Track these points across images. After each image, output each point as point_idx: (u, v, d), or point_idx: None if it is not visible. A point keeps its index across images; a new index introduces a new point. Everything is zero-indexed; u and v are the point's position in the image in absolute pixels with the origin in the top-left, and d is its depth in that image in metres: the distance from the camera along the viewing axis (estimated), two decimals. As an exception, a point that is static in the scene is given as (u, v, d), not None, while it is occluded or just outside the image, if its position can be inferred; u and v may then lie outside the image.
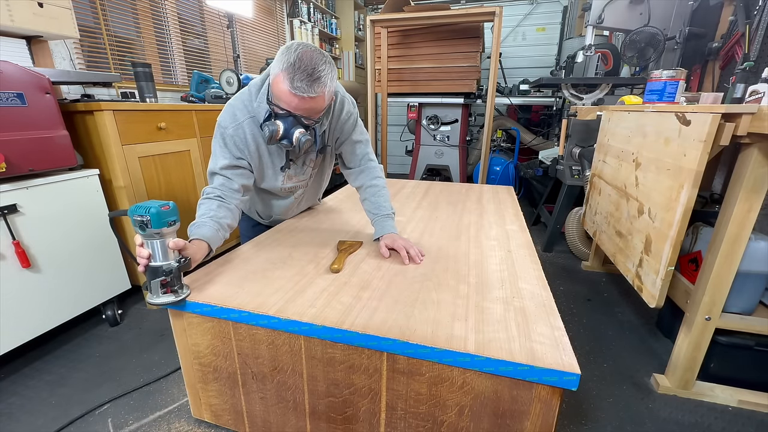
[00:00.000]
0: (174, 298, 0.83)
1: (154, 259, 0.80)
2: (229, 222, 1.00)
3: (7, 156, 1.18)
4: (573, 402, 1.19)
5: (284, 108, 0.93)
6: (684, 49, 2.33)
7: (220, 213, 0.98)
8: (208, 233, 0.93)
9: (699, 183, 0.99)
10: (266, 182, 1.18)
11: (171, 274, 0.81)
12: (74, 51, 1.94)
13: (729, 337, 1.18)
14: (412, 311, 0.82)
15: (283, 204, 1.33)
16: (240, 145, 1.05)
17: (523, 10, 4.18)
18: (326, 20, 4.21)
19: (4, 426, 1.10)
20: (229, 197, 1.03)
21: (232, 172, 1.04)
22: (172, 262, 0.81)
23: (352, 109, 1.18)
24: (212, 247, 0.94)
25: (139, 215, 0.75)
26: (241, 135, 1.04)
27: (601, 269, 2.14)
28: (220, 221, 0.97)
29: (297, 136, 0.96)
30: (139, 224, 0.76)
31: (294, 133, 0.96)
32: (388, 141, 4.56)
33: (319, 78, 0.88)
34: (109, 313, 1.58)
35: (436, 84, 3.10)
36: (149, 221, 0.75)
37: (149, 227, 0.76)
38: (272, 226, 1.41)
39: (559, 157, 2.30)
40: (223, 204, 1.01)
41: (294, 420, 0.93)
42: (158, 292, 0.82)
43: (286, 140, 0.97)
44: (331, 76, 0.92)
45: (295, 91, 0.88)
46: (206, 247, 0.91)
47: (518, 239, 1.25)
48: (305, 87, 0.87)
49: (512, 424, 0.73)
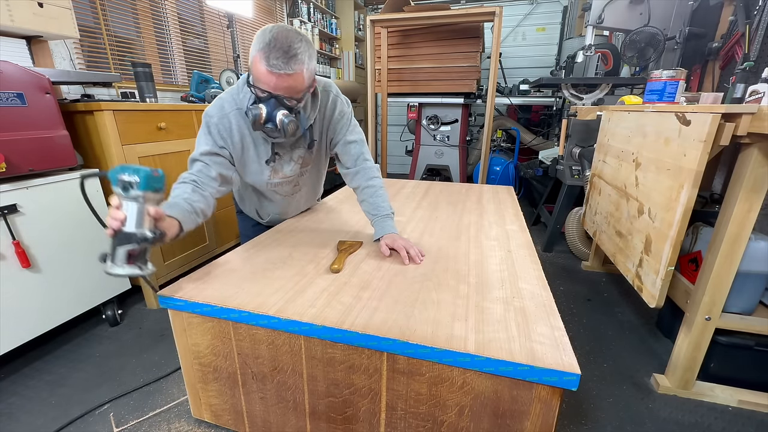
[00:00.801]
0: (138, 271, 0.75)
1: (128, 225, 0.72)
2: (202, 207, 0.98)
3: (7, 156, 1.18)
4: (573, 402, 1.19)
5: (264, 89, 0.92)
6: (684, 49, 2.33)
7: (193, 197, 0.97)
8: (180, 214, 0.89)
9: (699, 183, 0.99)
10: (251, 176, 1.17)
11: (143, 243, 0.74)
12: (74, 51, 1.94)
13: (729, 337, 1.18)
14: (412, 311, 0.82)
15: (278, 203, 1.33)
16: (224, 134, 1.05)
17: (523, 10, 4.18)
18: (326, 20, 4.21)
19: (4, 426, 1.10)
20: (204, 184, 1.02)
21: (211, 158, 1.04)
22: (147, 232, 0.74)
23: (345, 109, 1.18)
24: (183, 228, 0.89)
25: (127, 174, 0.70)
26: (226, 125, 1.05)
27: (601, 269, 2.14)
28: (193, 204, 0.95)
29: (280, 118, 0.94)
30: (123, 185, 0.70)
31: (277, 115, 0.94)
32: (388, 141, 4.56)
33: (296, 55, 0.88)
34: (109, 313, 1.58)
35: (436, 84, 3.10)
36: (137, 182, 0.70)
37: (134, 188, 0.71)
38: (272, 226, 1.41)
39: (559, 157, 2.30)
40: (198, 189, 0.99)
41: (294, 420, 0.93)
42: (122, 261, 0.73)
43: (271, 123, 0.95)
44: (308, 54, 0.92)
45: (271, 69, 0.88)
46: (177, 226, 0.87)
47: (518, 239, 1.25)
48: (281, 64, 0.87)
49: (512, 424, 0.73)
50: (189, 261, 1.90)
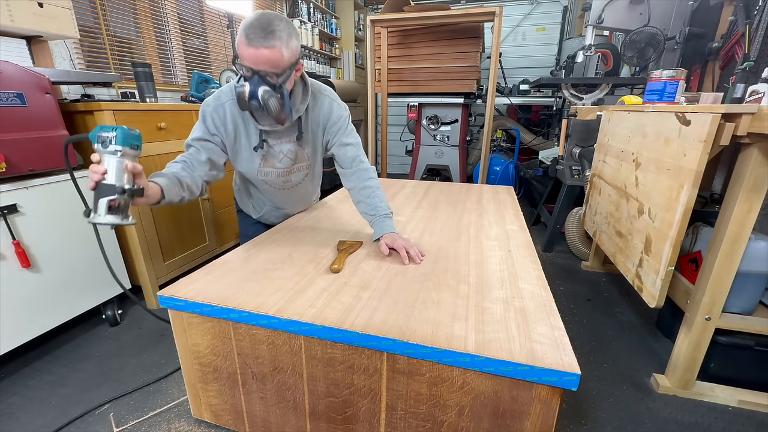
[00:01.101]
0: (119, 220, 0.80)
1: (108, 178, 0.78)
2: (187, 182, 1.03)
3: (7, 156, 1.18)
4: (573, 402, 1.19)
5: (247, 66, 0.97)
6: (684, 49, 2.33)
7: (181, 173, 1.03)
8: (164, 182, 0.95)
9: (699, 183, 0.99)
10: (243, 164, 1.22)
11: (123, 195, 0.80)
12: (74, 51, 1.94)
13: (729, 337, 1.18)
14: (412, 311, 0.82)
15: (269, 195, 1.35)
16: (217, 122, 1.11)
17: (523, 10, 4.18)
18: (326, 20, 4.21)
19: (4, 426, 1.10)
20: (194, 165, 1.08)
21: (201, 144, 1.11)
22: (126, 184, 0.80)
23: (343, 113, 1.23)
24: (165, 195, 0.94)
25: (106, 132, 0.77)
26: (220, 113, 1.11)
27: (601, 269, 2.14)
28: (179, 177, 1.01)
29: (262, 93, 0.98)
30: (102, 140, 0.77)
31: (259, 91, 0.98)
32: (388, 141, 4.57)
33: (274, 31, 0.93)
34: (109, 313, 1.58)
35: (436, 84, 3.10)
36: (114, 137, 0.77)
37: (112, 143, 0.77)
38: (271, 225, 1.42)
39: (559, 157, 2.30)
40: (187, 168, 1.06)
41: (294, 420, 0.93)
42: (104, 211, 0.79)
43: (255, 101, 0.99)
44: (288, 32, 0.96)
45: (249, 42, 0.93)
46: (158, 191, 0.92)
47: (518, 239, 1.25)
48: (260, 39, 0.93)
49: (512, 424, 0.73)
50: (189, 261, 1.90)
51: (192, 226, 1.91)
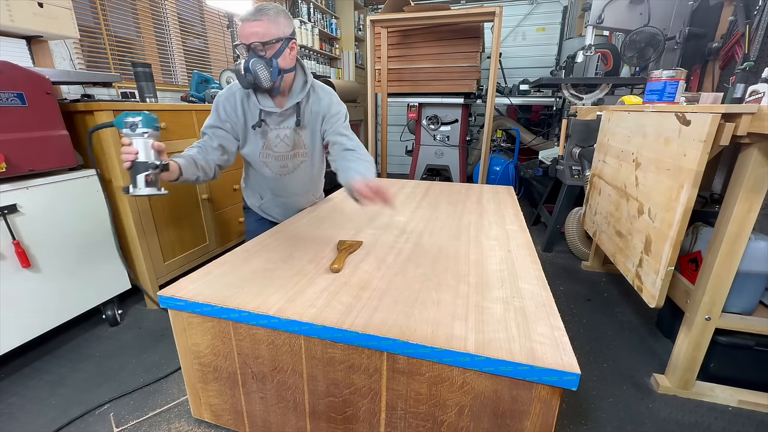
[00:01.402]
0: (155, 191, 0.93)
1: (141, 157, 0.91)
2: (202, 164, 1.16)
3: (7, 156, 1.18)
4: (573, 402, 1.19)
5: (242, 43, 1.11)
6: (684, 49, 2.33)
7: (197, 156, 1.16)
8: (182, 161, 1.09)
9: (699, 183, 0.99)
10: (248, 146, 1.33)
11: (156, 169, 0.92)
12: (74, 51, 1.94)
13: (729, 337, 1.18)
14: (412, 311, 0.82)
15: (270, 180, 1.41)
16: (228, 109, 1.25)
17: (523, 10, 4.18)
18: (326, 20, 4.21)
19: (4, 426, 1.10)
20: (207, 150, 1.21)
21: (213, 131, 1.24)
22: (155, 160, 0.92)
23: (342, 109, 1.34)
24: (183, 172, 1.07)
25: (131, 117, 0.88)
26: (231, 101, 1.25)
27: (601, 269, 2.14)
28: (195, 159, 1.14)
29: (252, 63, 1.10)
30: (130, 125, 0.89)
31: (250, 62, 1.10)
32: (388, 141, 4.56)
33: (262, 9, 1.08)
34: (109, 313, 1.58)
35: (436, 84, 3.10)
36: (140, 121, 0.89)
37: (140, 127, 0.89)
38: (274, 222, 1.44)
39: (559, 157, 2.30)
40: (201, 152, 1.19)
41: (294, 420, 0.93)
42: (143, 185, 0.91)
43: (249, 74, 1.11)
44: (276, 11, 1.10)
45: (243, 21, 1.09)
46: (177, 168, 1.05)
47: (518, 239, 1.25)
48: (250, 16, 1.09)
49: (512, 424, 0.73)
50: (189, 261, 1.90)
51: (192, 226, 1.91)
